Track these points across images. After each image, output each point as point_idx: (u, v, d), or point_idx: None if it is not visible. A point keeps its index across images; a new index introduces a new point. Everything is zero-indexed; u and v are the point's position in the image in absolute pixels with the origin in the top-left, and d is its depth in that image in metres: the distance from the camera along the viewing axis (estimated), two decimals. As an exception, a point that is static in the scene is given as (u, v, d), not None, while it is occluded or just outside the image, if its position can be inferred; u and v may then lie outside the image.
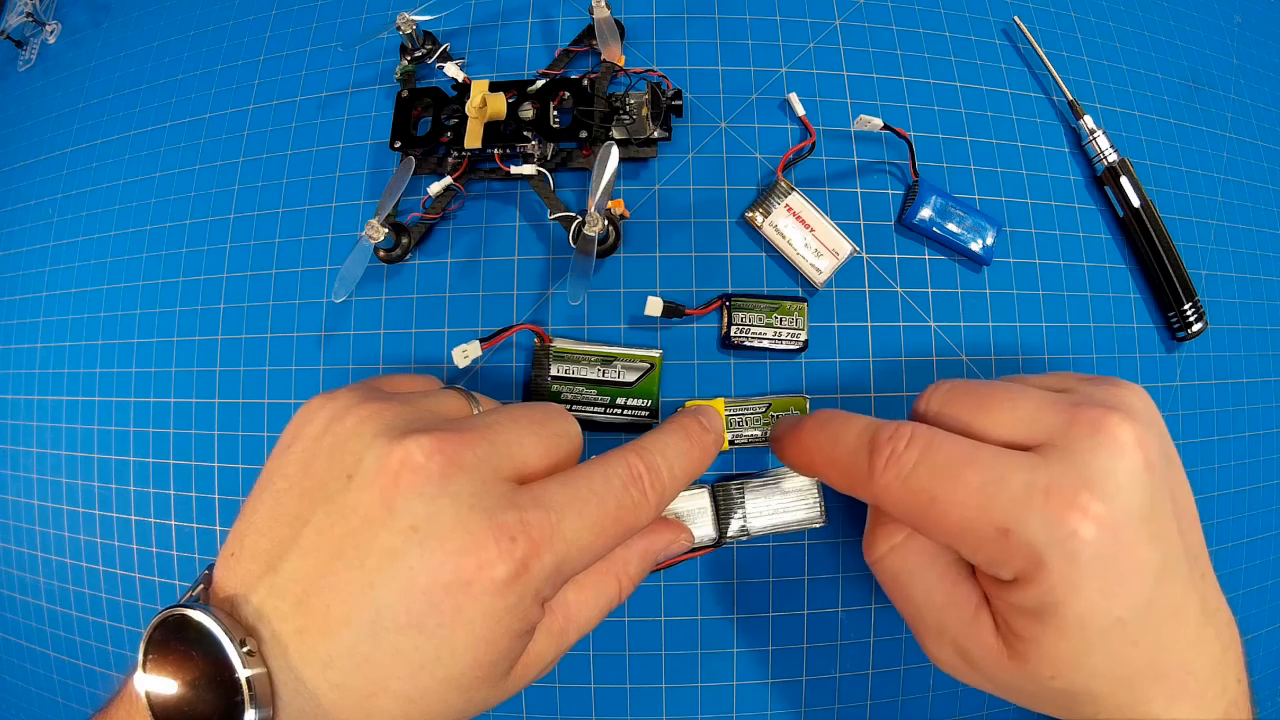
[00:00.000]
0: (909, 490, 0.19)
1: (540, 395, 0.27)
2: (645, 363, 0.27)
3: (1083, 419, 0.19)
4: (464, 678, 0.17)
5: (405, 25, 0.29)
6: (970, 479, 0.18)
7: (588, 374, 0.27)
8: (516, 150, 0.29)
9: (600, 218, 0.25)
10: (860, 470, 0.20)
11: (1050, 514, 0.18)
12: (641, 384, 0.27)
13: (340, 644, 0.16)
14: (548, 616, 0.20)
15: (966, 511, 0.18)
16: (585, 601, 0.21)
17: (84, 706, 0.32)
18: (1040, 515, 0.18)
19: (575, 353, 0.27)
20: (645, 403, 0.27)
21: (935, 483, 0.19)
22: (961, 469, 0.19)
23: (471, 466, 0.18)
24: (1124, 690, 0.19)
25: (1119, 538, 0.18)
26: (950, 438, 0.19)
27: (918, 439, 0.19)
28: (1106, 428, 0.18)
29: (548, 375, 0.27)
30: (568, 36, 0.31)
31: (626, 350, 0.27)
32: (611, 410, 0.27)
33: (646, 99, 0.27)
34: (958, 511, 0.19)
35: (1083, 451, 0.18)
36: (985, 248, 0.29)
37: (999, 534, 0.18)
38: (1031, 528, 0.18)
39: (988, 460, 0.19)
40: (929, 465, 0.19)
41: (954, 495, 0.19)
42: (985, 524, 0.18)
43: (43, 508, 0.32)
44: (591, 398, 0.27)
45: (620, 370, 0.27)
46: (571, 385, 0.27)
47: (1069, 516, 0.17)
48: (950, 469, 0.19)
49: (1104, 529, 0.17)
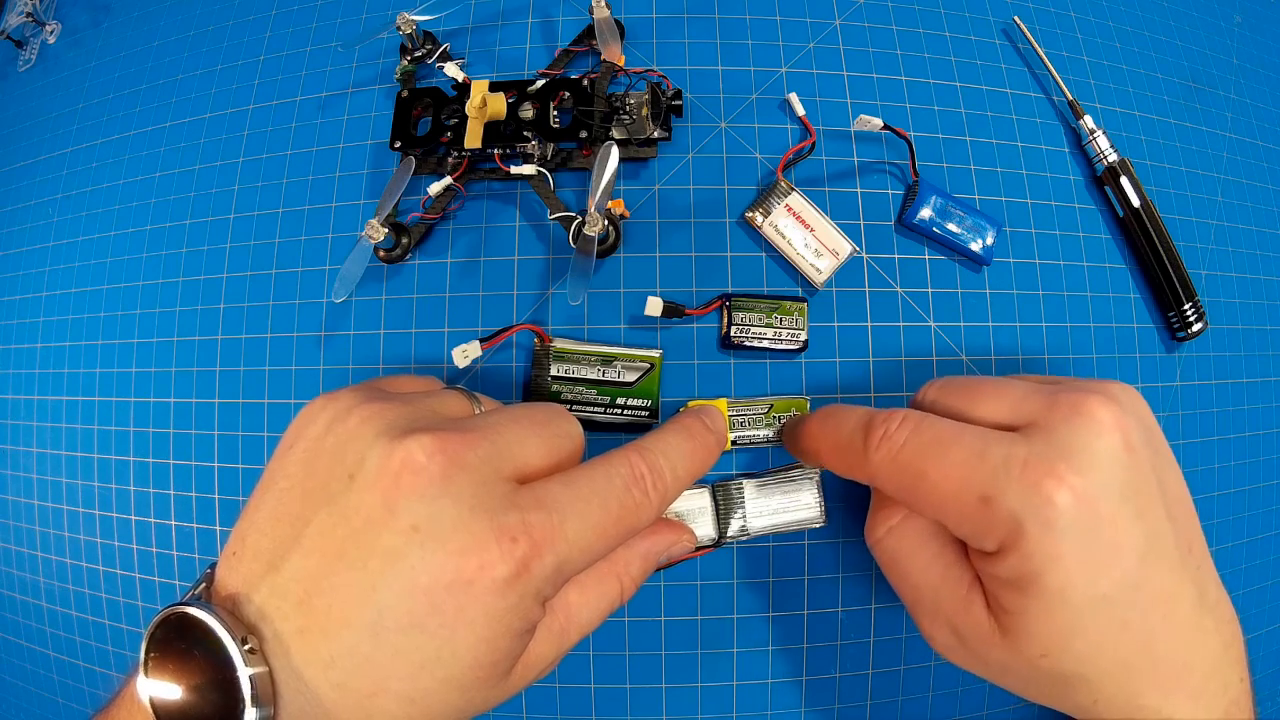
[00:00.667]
0: (899, 466, 0.21)
1: (540, 395, 0.27)
2: (645, 363, 0.27)
3: (1063, 401, 0.20)
4: (465, 678, 0.17)
5: (405, 25, 0.29)
6: (955, 454, 0.20)
7: (588, 374, 0.27)
8: (516, 150, 0.29)
9: (600, 218, 0.25)
10: (857, 451, 0.22)
11: (1028, 483, 0.18)
12: (641, 384, 0.27)
13: (342, 644, 0.16)
14: (549, 617, 0.20)
15: (951, 484, 0.19)
16: (587, 602, 0.21)
17: (84, 706, 0.32)
18: (1018, 484, 0.18)
19: (575, 353, 0.27)
20: (645, 403, 0.27)
21: (922, 458, 0.20)
22: (947, 445, 0.20)
23: (473, 467, 0.18)
24: (1117, 678, 0.19)
25: (1097, 511, 0.18)
26: (938, 419, 0.21)
27: (908, 421, 0.21)
28: (1086, 409, 0.19)
29: (548, 375, 0.27)
30: (568, 36, 0.31)
31: (626, 350, 0.27)
32: (612, 410, 0.27)
33: (646, 99, 0.27)
34: (944, 484, 0.20)
35: (1062, 429, 0.19)
36: (985, 248, 0.29)
37: (981, 503, 0.19)
38: (1010, 495, 0.19)
39: (972, 437, 0.20)
40: (917, 443, 0.20)
41: (940, 469, 0.20)
42: (968, 494, 0.19)
43: (43, 508, 0.32)
44: (592, 398, 0.27)
45: (620, 370, 0.27)
46: (572, 385, 0.27)
47: (1045, 484, 0.18)
48: (937, 445, 0.20)
49: (1081, 500, 0.18)
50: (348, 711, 0.17)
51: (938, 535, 0.22)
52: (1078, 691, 0.20)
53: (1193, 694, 0.19)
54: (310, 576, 0.17)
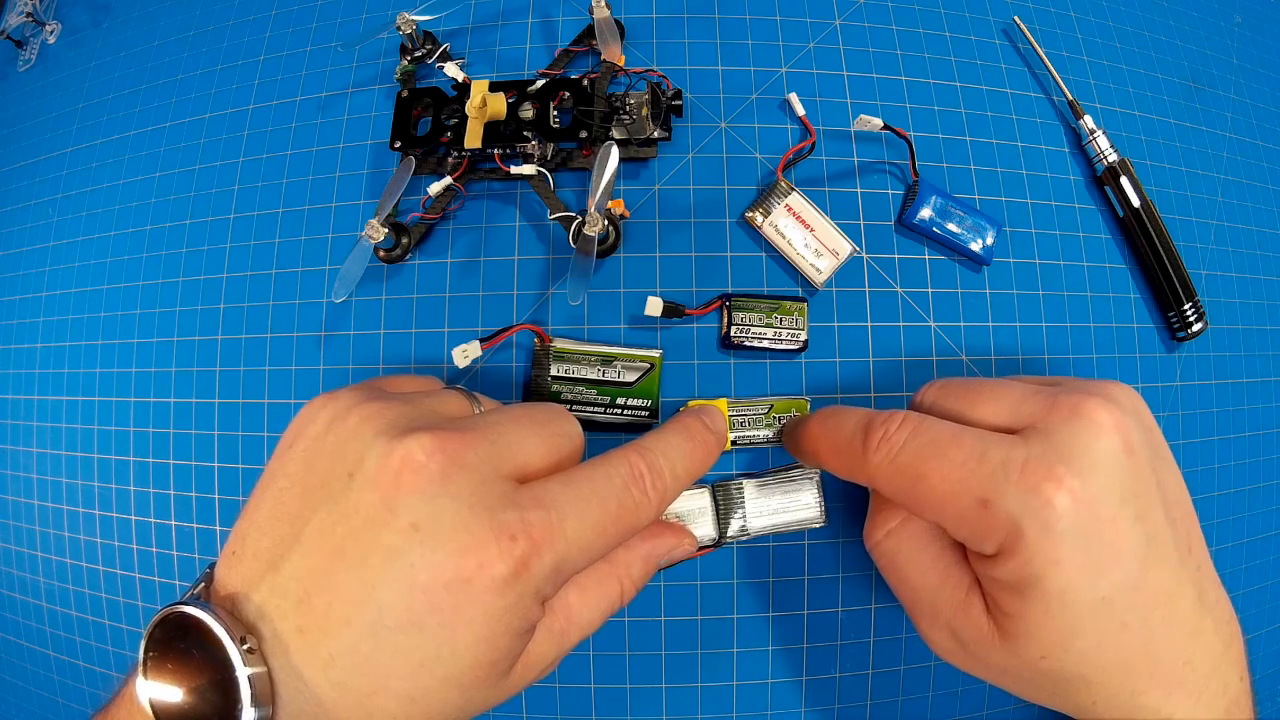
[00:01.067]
0: (898, 468, 0.21)
1: (540, 395, 0.27)
2: (645, 363, 0.27)
3: (1063, 404, 0.20)
4: (464, 677, 0.17)
5: (405, 25, 0.29)
6: (954, 455, 0.20)
7: (588, 374, 0.27)
8: (516, 150, 0.29)
9: (600, 218, 0.25)
10: (856, 452, 0.22)
11: (1026, 485, 0.18)
12: (641, 384, 0.27)
13: (341, 643, 0.16)
14: (549, 617, 0.20)
15: (950, 485, 0.19)
16: (587, 603, 0.21)
17: (84, 706, 0.32)
18: (1017, 487, 0.18)
19: (575, 353, 0.27)
20: (645, 403, 0.27)
21: (921, 460, 0.20)
22: (946, 447, 0.20)
23: (473, 466, 0.18)
24: (1118, 679, 0.19)
25: (1097, 513, 0.18)
26: (938, 421, 0.21)
27: (908, 422, 0.21)
28: (1085, 411, 0.19)
29: (548, 375, 0.27)
30: (568, 36, 0.31)
31: (626, 350, 0.27)
32: (612, 410, 0.27)
33: (646, 99, 0.27)
34: (942, 486, 0.20)
35: (1061, 432, 0.19)
36: (985, 248, 0.29)
37: (979, 505, 0.19)
38: (1009, 499, 0.18)
39: (970, 440, 0.20)
40: (916, 444, 0.20)
41: (939, 471, 0.20)
42: (967, 497, 0.19)
43: (43, 508, 0.32)
44: (591, 398, 0.27)
45: (620, 370, 0.27)
46: (571, 385, 0.27)
47: (1044, 487, 0.18)
48: (936, 447, 0.20)
49: (1080, 503, 0.18)
50: (347, 710, 0.17)
51: (937, 538, 0.22)
52: (1078, 692, 0.20)
53: (1193, 693, 0.19)
54: (310, 575, 0.17)
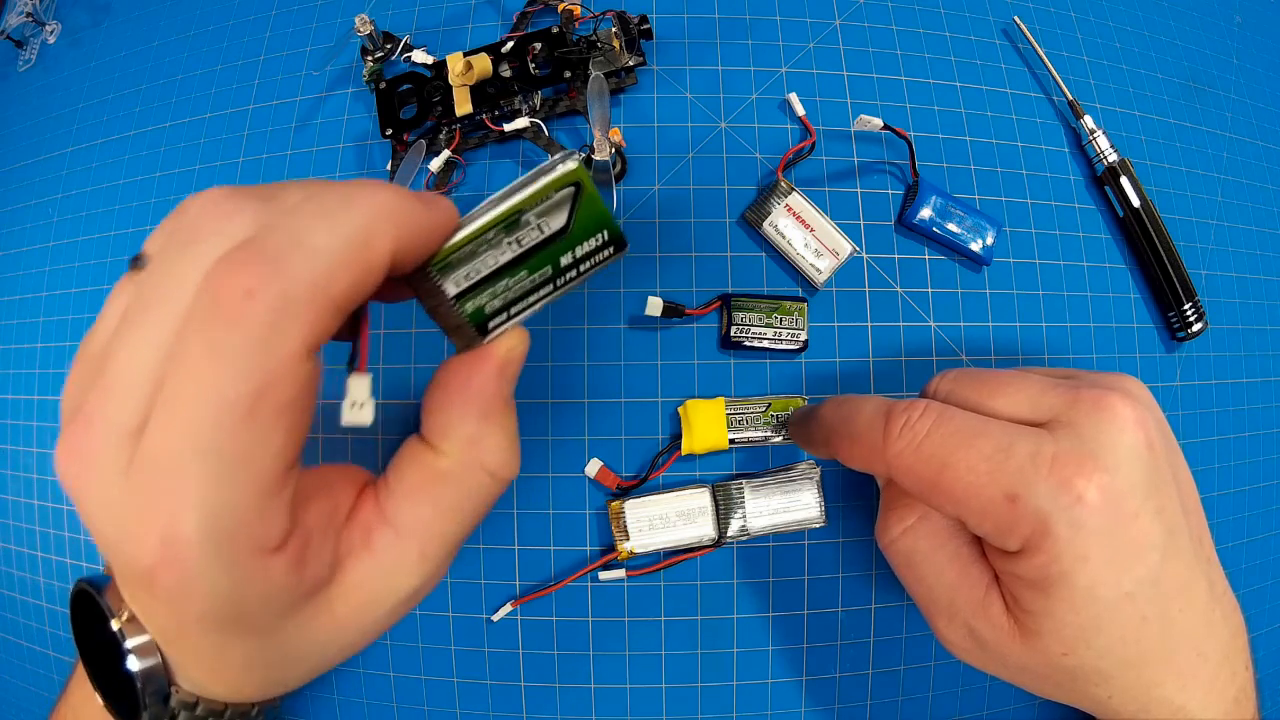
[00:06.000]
0: (921, 457, 0.20)
1: (457, 329, 0.18)
2: (562, 184, 0.17)
3: (1085, 398, 0.19)
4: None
5: (363, 26, 0.30)
6: (981, 446, 0.19)
7: (501, 257, 0.17)
8: (505, 110, 0.29)
9: (607, 142, 0.25)
10: (875, 439, 0.21)
11: (1057, 481, 0.18)
12: (580, 217, 0.18)
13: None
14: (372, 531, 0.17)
15: (976, 478, 0.19)
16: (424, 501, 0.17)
17: (84, 706, 0.32)
18: (1047, 482, 0.18)
19: (462, 243, 0.17)
20: (600, 237, 0.18)
21: (946, 449, 0.19)
22: (973, 438, 0.19)
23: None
24: (1135, 671, 0.19)
25: (1123, 509, 0.18)
26: (961, 411, 0.20)
27: (931, 410, 0.20)
28: (1109, 405, 0.19)
29: (448, 300, 0.17)
30: (519, 4, 0.31)
31: (523, 183, 0.17)
32: (567, 276, 0.18)
33: (615, 31, 0.28)
34: (967, 478, 0.19)
35: (1087, 426, 0.19)
36: (985, 248, 0.29)
37: (1007, 500, 0.18)
38: (1039, 494, 0.18)
39: (997, 431, 0.19)
40: (941, 433, 0.20)
41: (965, 461, 0.19)
42: (994, 490, 0.19)
43: (43, 508, 0.32)
44: (531, 284, 0.18)
45: (537, 221, 0.17)
46: (493, 289, 0.18)
47: (1075, 483, 0.18)
48: (961, 436, 0.19)
49: (1109, 499, 0.18)
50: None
51: (954, 535, 0.22)
52: (1095, 686, 0.20)
53: (1205, 683, 0.19)
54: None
